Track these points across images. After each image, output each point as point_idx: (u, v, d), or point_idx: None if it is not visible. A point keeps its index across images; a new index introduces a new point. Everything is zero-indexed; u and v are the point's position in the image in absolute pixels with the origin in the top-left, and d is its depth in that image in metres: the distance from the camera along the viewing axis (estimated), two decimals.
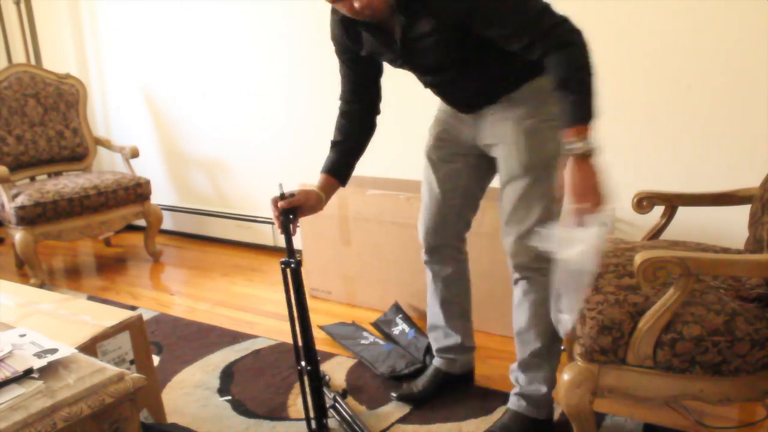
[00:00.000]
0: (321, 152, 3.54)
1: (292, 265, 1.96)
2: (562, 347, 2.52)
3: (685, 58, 2.58)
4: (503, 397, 2.17)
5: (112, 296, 3.34)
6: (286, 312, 2.01)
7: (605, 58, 2.67)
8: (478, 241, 2.61)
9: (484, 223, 2.58)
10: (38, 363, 1.36)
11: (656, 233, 2.18)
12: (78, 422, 1.26)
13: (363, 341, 2.64)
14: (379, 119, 2.16)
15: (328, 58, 3.42)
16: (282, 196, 1.99)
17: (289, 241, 1.99)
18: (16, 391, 1.28)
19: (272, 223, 3.86)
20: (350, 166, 2.16)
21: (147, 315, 2.99)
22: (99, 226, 3.59)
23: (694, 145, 2.64)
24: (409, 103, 3.23)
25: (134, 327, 1.89)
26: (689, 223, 2.31)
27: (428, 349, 2.43)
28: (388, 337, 2.69)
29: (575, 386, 1.67)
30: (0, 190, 3.44)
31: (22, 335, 1.51)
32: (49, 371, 1.35)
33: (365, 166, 3.29)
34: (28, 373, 1.33)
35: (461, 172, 2.05)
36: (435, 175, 2.08)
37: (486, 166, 2.01)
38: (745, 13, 2.46)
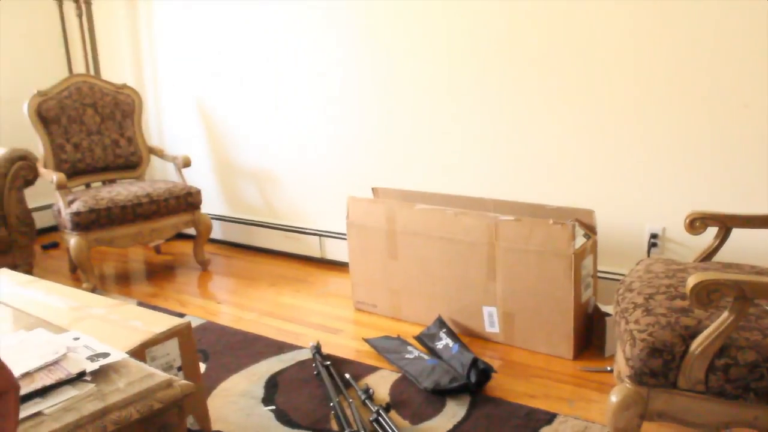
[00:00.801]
0: (367, 167, 3.59)
1: None
2: (609, 368, 2.50)
3: (742, 76, 2.53)
4: (547, 416, 2.14)
5: (161, 303, 3.39)
6: (332, 324, 2.01)
7: (666, 77, 2.66)
8: (525, 258, 2.60)
9: (531, 240, 2.57)
10: (91, 366, 1.39)
11: (709, 255, 2.13)
12: (127, 426, 1.29)
13: (408, 356, 2.63)
14: (430, 135, 2.15)
15: (379, 75, 3.47)
16: None
17: None
18: (69, 393, 1.31)
19: (319, 235, 3.89)
20: None
21: (194, 323, 3.03)
22: (150, 233, 3.66)
23: (750, 165, 2.58)
24: (460, 121, 3.23)
25: (183, 334, 1.92)
26: (744, 245, 2.26)
27: (473, 364, 2.41)
28: (432, 351, 2.67)
29: (623, 409, 1.63)
30: (57, 196, 3.54)
31: (76, 338, 1.55)
32: (100, 375, 1.38)
33: (415, 181, 3.32)
34: (81, 376, 1.36)
35: None
36: None
37: None
38: None
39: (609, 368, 2.51)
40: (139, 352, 1.77)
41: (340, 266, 3.80)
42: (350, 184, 3.48)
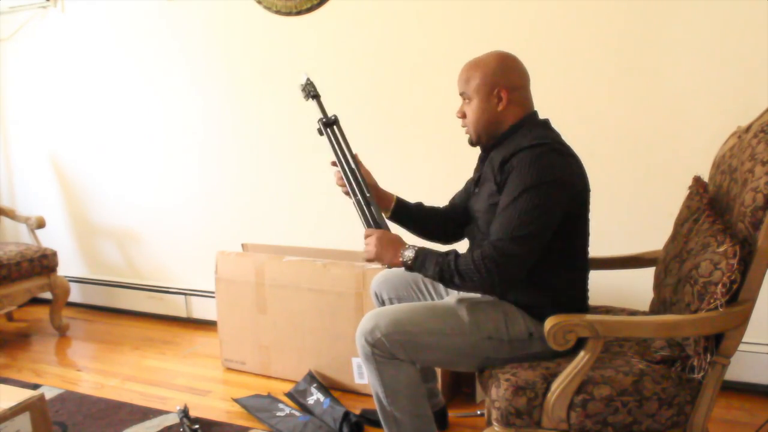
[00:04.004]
0: (235, 223, 3.56)
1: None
2: (479, 412, 2.56)
3: (589, 127, 2.71)
4: None
5: (13, 374, 3.18)
6: (200, 385, 1.96)
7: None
8: None
9: None
10: None
11: None
12: None
13: (279, 413, 2.59)
14: (295, 188, 2.18)
15: (239, 123, 3.47)
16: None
17: None
18: None
19: (185, 294, 3.79)
20: (413, 215, 2.18)
21: (51, 393, 2.87)
22: (0, 300, 3.44)
23: (600, 211, 2.74)
24: (324, 173, 3.27)
25: (35, 407, 1.81)
26: (599, 286, 2.39)
27: (345, 418, 2.40)
28: (304, 407, 2.64)
29: None
30: None
31: None
32: None
33: (284, 236, 3.32)
34: None
35: None
36: None
37: None
38: (642, 87, 2.61)
39: (480, 412, 2.57)
40: None
41: (207, 325, 3.72)
42: (218, 242, 3.43)
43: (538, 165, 1.72)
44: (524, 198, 1.71)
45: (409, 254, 1.83)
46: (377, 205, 2.00)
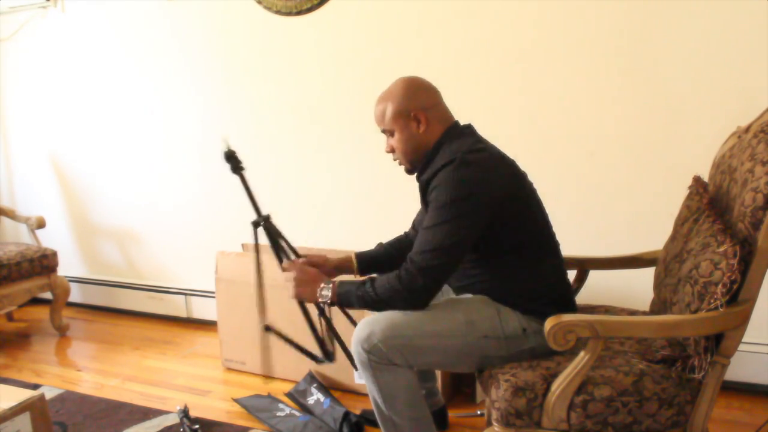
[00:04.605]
0: (236, 223, 3.55)
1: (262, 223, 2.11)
2: (479, 412, 2.56)
3: (588, 127, 2.71)
4: None
5: (14, 375, 3.18)
6: (200, 385, 1.96)
7: (516, 125, 2.80)
8: None
9: None
10: None
11: None
12: None
13: (279, 413, 2.59)
14: (296, 188, 2.19)
15: (239, 122, 3.46)
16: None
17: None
18: None
19: (185, 294, 3.79)
20: (377, 262, 2.25)
21: (51, 393, 2.87)
22: (0, 300, 3.44)
23: (601, 211, 2.75)
24: (328, 172, 3.27)
25: (35, 407, 1.81)
26: (599, 286, 2.38)
27: (345, 418, 2.40)
28: (304, 407, 2.64)
29: None
30: None
31: None
32: None
33: (286, 235, 3.30)
34: None
35: None
36: None
37: None
38: (642, 87, 2.61)
39: (479, 412, 2.57)
40: None
41: (207, 325, 3.72)
42: (218, 242, 3.42)
43: (450, 183, 1.77)
44: (439, 214, 1.76)
45: (326, 294, 1.93)
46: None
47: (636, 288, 2.41)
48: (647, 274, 2.09)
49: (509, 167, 1.89)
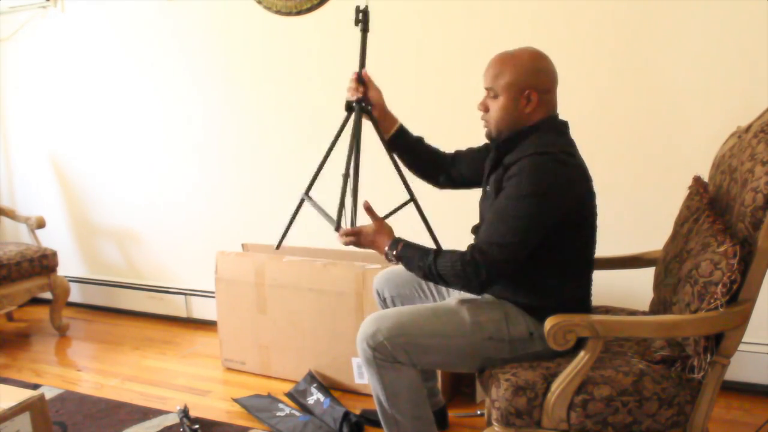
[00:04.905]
0: (235, 223, 3.55)
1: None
2: (479, 412, 2.55)
3: (588, 126, 2.71)
4: None
5: (13, 374, 3.18)
6: (200, 385, 1.96)
7: None
8: None
9: None
10: None
11: None
12: None
13: (279, 413, 2.59)
14: (295, 188, 2.19)
15: (239, 122, 3.47)
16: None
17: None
18: None
19: (185, 294, 3.79)
20: (411, 140, 2.23)
21: (51, 393, 2.86)
22: (0, 300, 3.44)
23: (600, 211, 2.74)
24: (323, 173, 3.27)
25: (35, 407, 1.81)
26: (599, 286, 2.39)
27: (345, 418, 2.40)
28: (304, 407, 2.64)
29: None
30: None
31: None
32: None
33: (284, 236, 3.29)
34: None
35: None
36: None
37: None
38: (642, 87, 2.61)
39: (479, 412, 2.57)
40: None
41: (207, 325, 3.71)
42: (218, 242, 3.42)
43: (535, 175, 1.72)
44: (515, 206, 1.72)
45: (391, 253, 1.90)
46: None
47: (636, 288, 2.40)
48: (647, 274, 2.09)
49: (587, 179, 1.86)
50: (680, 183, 2.04)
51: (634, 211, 2.69)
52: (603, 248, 2.26)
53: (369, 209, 1.98)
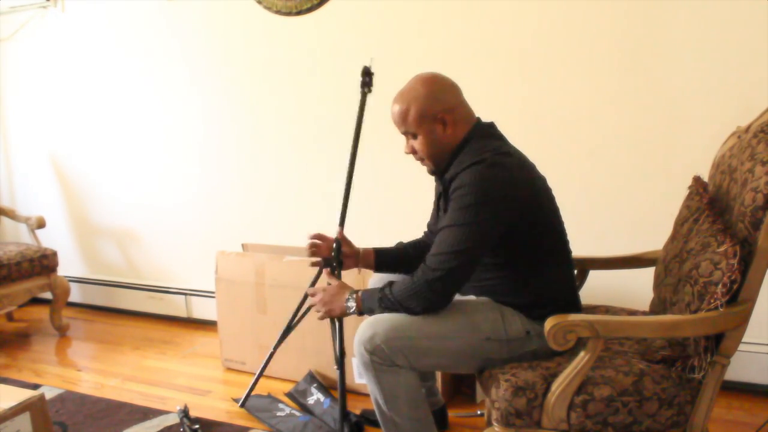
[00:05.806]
0: (235, 223, 3.55)
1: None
2: (479, 412, 2.55)
3: (588, 126, 2.71)
4: None
5: (14, 374, 3.18)
6: (200, 385, 1.96)
7: (516, 125, 2.80)
8: None
9: None
10: None
11: None
12: None
13: (279, 413, 2.59)
14: (296, 188, 2.19)
15: (239, 122, 3.46)
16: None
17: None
18: None
19: (185, 294, 3.79)
20: (393, 260, 2.24)
21: (51, 393, 2.86)
22: (0, 300, 3.44)
23: (601, 211, 2.75)
24: (324, 172, 3.27)
25: (35, 407, 1.81)
26: (599, 286, 2.38)
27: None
28: (304, 407, 2.64)
29: None
30: None
31: None
32: None
33: (284, 235, 3.31)
34: None
35: None
36: None
37: None
38: (642, 87, 2.61)
39: (479, 412, 2.56)
40: None
41: (207, 325, 3.71)
42: (218, 242, 3.42)
43: (475, 184, 1.74)
44: (462, 215, 1.74)
45: (352, 305, 1.92)
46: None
47: (636, 288, 2.41)
48: (647, 274, 2.08)
49: (531, 172, 1.87)
50: (680, 183, 2.04)
51: (634, 211, 2.69)
52: (603, 248, 2.26)
53: (329, 274, 2.12)
